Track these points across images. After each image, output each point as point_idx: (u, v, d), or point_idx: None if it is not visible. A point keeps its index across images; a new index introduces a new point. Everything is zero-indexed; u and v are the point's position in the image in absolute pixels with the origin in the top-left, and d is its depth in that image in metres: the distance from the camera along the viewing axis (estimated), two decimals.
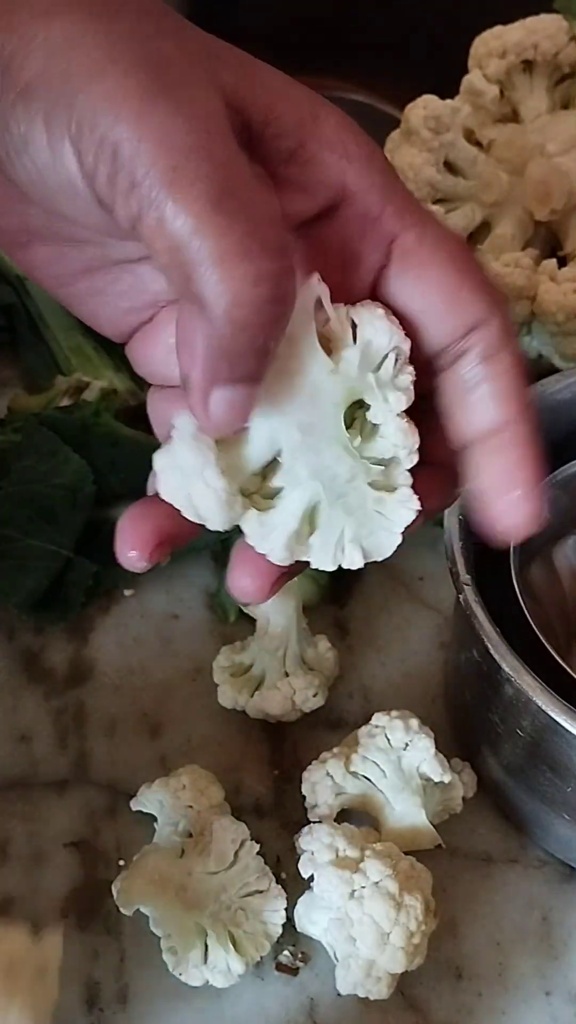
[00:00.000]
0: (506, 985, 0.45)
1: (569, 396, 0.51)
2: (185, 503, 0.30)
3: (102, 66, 0.26)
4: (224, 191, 0.26)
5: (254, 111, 0.29)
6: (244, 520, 0.31)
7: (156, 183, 0.26)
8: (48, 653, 0.53)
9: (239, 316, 0.26)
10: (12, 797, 0.48)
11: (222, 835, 0.44)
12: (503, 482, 0.31)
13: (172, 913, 0.42)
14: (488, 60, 0.59)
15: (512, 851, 0.48)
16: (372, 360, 0.30)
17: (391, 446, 0.31)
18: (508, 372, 0.31)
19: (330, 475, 0.31)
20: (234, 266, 0.26)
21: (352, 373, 0.30)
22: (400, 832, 0.46)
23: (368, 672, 0.53)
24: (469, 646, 0.45)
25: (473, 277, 0.31)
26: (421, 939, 0.42)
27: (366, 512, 0.31)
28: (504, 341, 0.31)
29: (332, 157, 0.30)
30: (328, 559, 0.31)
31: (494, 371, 0.31)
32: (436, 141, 0.57)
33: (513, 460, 0.31)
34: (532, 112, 0.60)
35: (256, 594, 0.32)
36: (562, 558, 0.51)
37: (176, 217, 0.26)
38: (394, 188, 0.31)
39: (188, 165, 0.26)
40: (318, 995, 0.44)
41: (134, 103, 0.26)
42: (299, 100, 0.30)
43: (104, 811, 0.48)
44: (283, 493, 0.31)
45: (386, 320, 0.30)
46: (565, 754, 0.42)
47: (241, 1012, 0.44)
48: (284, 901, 0.44)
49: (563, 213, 0.57)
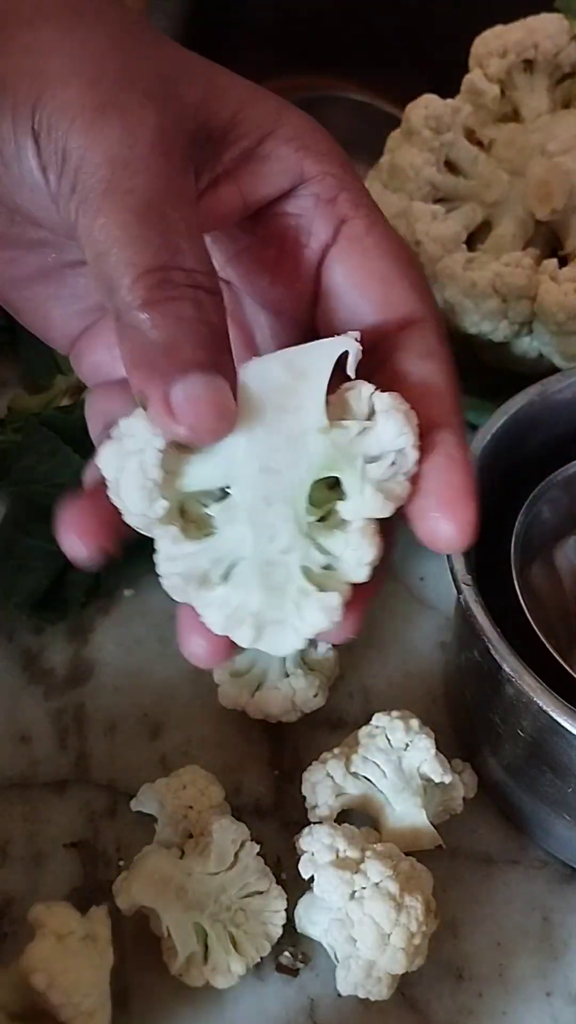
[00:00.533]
0: (507, 986, 0.45)
1: (570, 396, 0.51)
2: (113, 477, 0.28)
3: (69, 74, 0.28)
4: (150, 205, 0.27)
5: (218, 120, 0.30)
6: (160, 532, 0.28)
7: (92, 191, 0.27)
8: (48, 653, 0.53)
9: (148, 323, 0.27)
10: (12, 797, 0.48)
11: (222, 836, 0.44)
12: (438, 489, 0.29)
13: (172, 914, 0.42)
14: (489, 59, 0.59)
15: (513, 852, 0.48)
16: (370, 447, 0.28)
17: (345, 548, 0.28)
18: (444, 371, 0.31)
19: (269, 534, 0.28)
20: (146, 275, 0.27)
21: (343, 444, 0.28)
22: (400, 833, 0.46)
23: (369, 672, 0.53)
24: (470, 646, 0.44)
25: (413, 275, 0.32)
26: (422, 940, 0.42)
27: (283, 596, 0.27)
28: (442, 341, 0.31)
29: (289, 149, 0.31)
30: (219, 620, 0.28)
31: (432, 369, 0.31)
32: (437, 140, 0.57)
33: (446, 464, 0.30)
34: (533, 112, 0.60)
35: (207, 659, 0.30)
36: (563, 558, 0.51)
37: (102, 226, 0.27)
38: (351, 180, 0.32)
39: (123, 177, 0.27)
40: (318, 996, 0.44)
41: (88, 114, 0.28)
42: (264, 105, 0.32)
43: (104, 811, 0.48)
44: (212, 526, 0.28)
45: (406, 420, 0.28)
46: (566, 754, 0.42)
47: (241, 1013, 0.43)
48: (284, 902, 0.44)
49: (564, 213, 0.57)
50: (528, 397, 0.49)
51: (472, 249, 0.58)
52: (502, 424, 0.48)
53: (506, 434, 0.48)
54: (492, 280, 0.56)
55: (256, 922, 0.43)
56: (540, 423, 0.50)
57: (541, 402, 0.50)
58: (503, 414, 0.49)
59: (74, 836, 0.47)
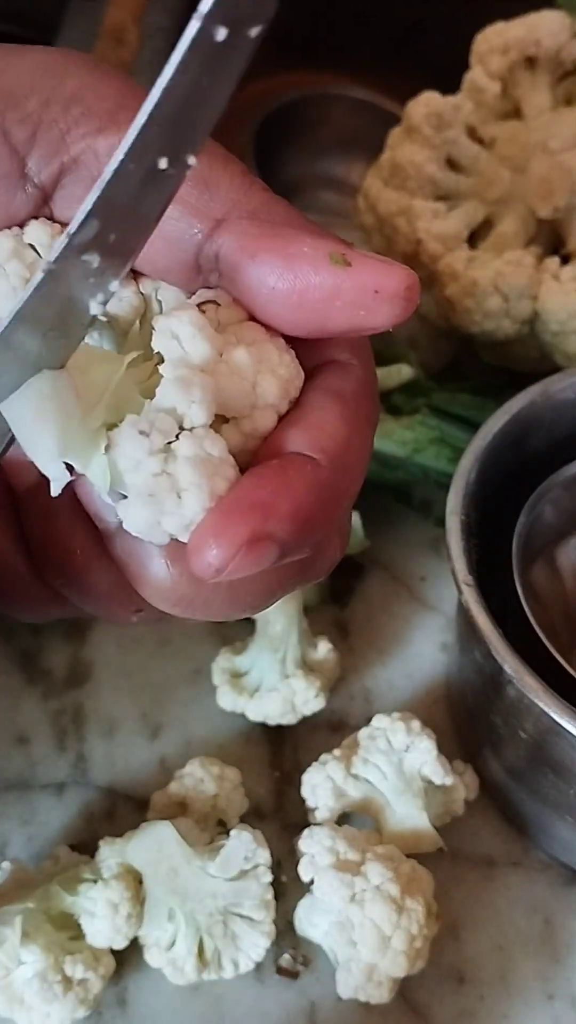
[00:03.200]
0: (508, 989, 0.45)
1: (571, 395, 0.51)
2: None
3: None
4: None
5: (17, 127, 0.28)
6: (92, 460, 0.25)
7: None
8: (46, 654, 0.53)
9: None
10: (10, 799, 0.48)
11: (236, 846, 0.43)
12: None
13: (155, 889, 0.42)
14: (490, 57, 0.59)
15: (514, 854, 0.48)
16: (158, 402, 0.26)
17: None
18: (345, 415, 0.27)
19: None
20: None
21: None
22: (402, 835, 0.45)
23: (369, 674, 0.53)
24: (471, 647, 0.44)
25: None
26: (423, 943, 0.42)
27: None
28: (358, 386, 0.28)
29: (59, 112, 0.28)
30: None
31: (330, 406, 0.27)
32: (438, 138, 0.57)
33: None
34: (535, 109, 0.59)
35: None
36: (565, 558, 0.51)
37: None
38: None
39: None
40: (319, 999, 0.44)
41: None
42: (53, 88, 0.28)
43: (103, 814, 0.48)
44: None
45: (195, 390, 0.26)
46: (568, 756, 0.41)
47: (241, 1015, 0.43)
48: (268, 941, 0.42)
49: (566, 211, 0.57)
50: (530, 396, 0.49)
51: (473, 247, 0.58)
52: (504, 424, 0.48)
53: (508, 434, 0.48)
54: (494, 279, 0.55)
55: (230, 942, 0.42)
56: (542, 423, 0.50)
57: (543, 401, 0.50)
58: (505, 414, 0.48)
59: (73, 838, 0.47)
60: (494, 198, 0.58)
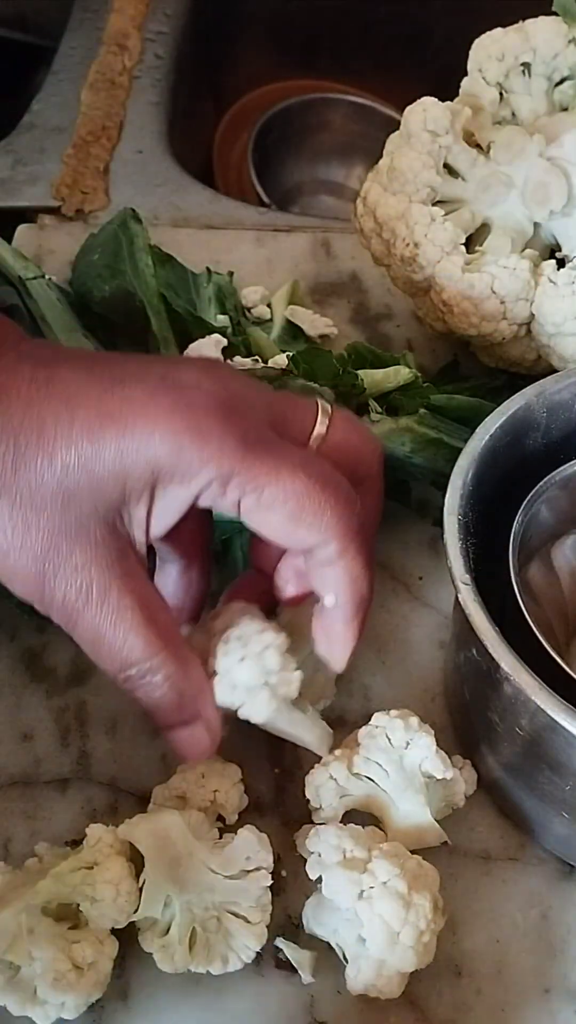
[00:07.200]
0: (505, 982, 0.45)
1: (567, 396, 0.51)
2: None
3: None
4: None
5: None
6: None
7: None
8: (50, 652, 0.53)
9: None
10: (13, 795, 0.49)
11: (241, 846, 0.44)
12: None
13: (153, 874, 0.42)
14: (487, 63, 0.59)
15: (511, 849, 0.49)
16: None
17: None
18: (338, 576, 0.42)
19: None
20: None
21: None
22: (406, 831, 0.46)
23: (367, 671, 0.54)
24: (468, 645, 0.45)
25: (309, 515, 0.40)
26: (431, 937, 0.43)
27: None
28: (342, 554, 0.41)
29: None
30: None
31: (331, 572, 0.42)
32: (436, 143, 0.57)
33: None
34: (531, 114, 0.60)
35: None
36: (561, 557, 0.52)
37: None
38: (237, 461, 0.39)
39: None
40: (319, 992, 0.44)
41: None
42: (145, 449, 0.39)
43: (106, 810, 0.48)
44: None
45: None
46: (564, 753, 0.42)
47: (242, 1008, 0.44)
48: (261, 944, 0.43)
49: (562, 215, 0.57)
50: (526, 398, 0.50)
51: (471, 251, 0.59)
52: (501, 424, 0.48)
53: (504, 434, 0.49)
54: (490, 282, 0.56)
55: (223, 938, 0.43)
56: (538, 423, 0.51)
57: (539, 402, 0.50)
58: (501, 415, 0.49)
59: (76, 834, 0.47)
60: (491, 202, 0.59)
